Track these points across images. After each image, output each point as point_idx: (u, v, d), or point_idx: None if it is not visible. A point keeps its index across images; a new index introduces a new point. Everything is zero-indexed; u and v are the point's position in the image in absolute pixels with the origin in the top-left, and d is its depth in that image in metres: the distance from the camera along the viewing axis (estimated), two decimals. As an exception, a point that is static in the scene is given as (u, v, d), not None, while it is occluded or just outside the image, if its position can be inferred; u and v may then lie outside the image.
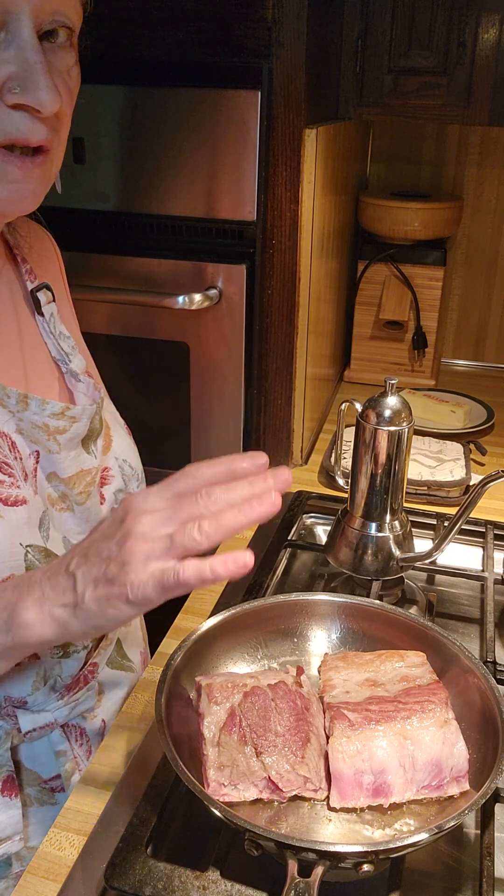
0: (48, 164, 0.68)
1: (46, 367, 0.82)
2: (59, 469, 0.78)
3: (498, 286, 1.85)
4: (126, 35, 1.17)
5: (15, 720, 0.77)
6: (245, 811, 0.68)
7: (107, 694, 0.89)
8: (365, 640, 0.85)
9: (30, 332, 0.81)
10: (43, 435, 0.76)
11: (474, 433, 1.52)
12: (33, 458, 0.76)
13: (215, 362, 1.31)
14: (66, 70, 0.67)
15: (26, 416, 0.74)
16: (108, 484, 0.86)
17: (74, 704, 0.82)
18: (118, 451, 0.88)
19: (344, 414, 1.09)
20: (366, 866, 0.61)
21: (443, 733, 0.70)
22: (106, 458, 0.86)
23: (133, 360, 1.35)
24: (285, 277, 1.26)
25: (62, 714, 0.81)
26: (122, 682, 0.91)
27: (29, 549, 0.72)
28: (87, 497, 0.81)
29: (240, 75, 1.15)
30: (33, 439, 0.76)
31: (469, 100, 1.33)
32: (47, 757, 0.82)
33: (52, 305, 0.84)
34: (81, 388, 0.84)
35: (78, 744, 0.84)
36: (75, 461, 0.79)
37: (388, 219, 1.67)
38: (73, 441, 0.79)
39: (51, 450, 0.77)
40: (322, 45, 1.25)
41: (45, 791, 0.82)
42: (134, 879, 0.64)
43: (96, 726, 0.86)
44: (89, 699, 0.85)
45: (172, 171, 1.22)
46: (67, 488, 0.79)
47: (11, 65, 0.62)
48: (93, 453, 0.82)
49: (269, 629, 0.85)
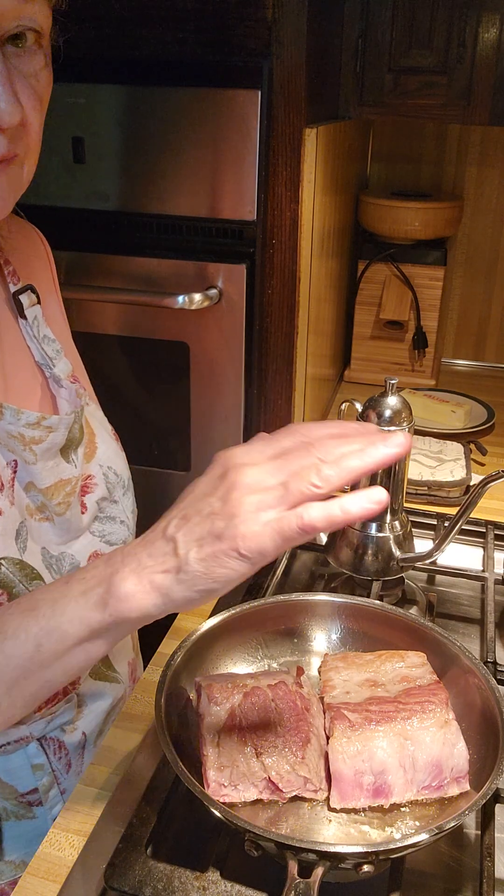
0: (16, 170, 0.67)
1: (28, 373, 0.80)
2: (37, 479, 0.76)
3: (498, 286, 1.85)
4: (126, 35, 1.17)
5: None
6: (245, 812, 0.68)
7: (88, 706, 0.86)
8: (365, 641, 0.85)
9: (11, 337, 0.79)
10: (19, 445, 0.74)
11: (474, 433, 1.52)
12: (10, 468, 0.74)
13: (215, 362, 1.31)
14: (33, 74, 0.65)
15: (1, 426, 0.72)
16: (91, 493, 0.84)
17: (51, 717, 0.80)
18: (103, 458, 0.86)
19: (344, 414, 1.09)
20: (366, 867, 0.60)
21: (443, 734, 0.70)
22: (89, 466, 0.84)
23: (133, 360, 1.35)
24: (285, 277, 1.26)
25: (38, 728, 0.79)
26: (105, 694, 0.88)
27: (3, 562, 0.70)
28: (66, 507, 0.79)
29: (240, 75, 1.15)
30: (10, 449, 0.74)
31: (469, 99, 1.33)
32: (24, 770, 0.80)
33: (36, 308, 0.82)
34: (64, 395, 0.82)
35: (56, 757, 0.82)
36: (53, 471, 0.77)
37: (388, 218, 1.66)
38: (51, 451, 0.77)
39: (27, 460, 0.75)
40: (322, 45, 1.25)
41: (23, 805, 0.81)
42: (134, 880, 0.64)
43: (76, 739, 0.84)
44: (67, 712, 0.82)
45: (172, 171, 1.22)
46: (46, 499, 0.77)
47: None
48: (73, 462, 0.80)
49: (270, 629, 0.85)
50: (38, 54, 0.65)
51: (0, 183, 0.66)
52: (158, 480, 0.92)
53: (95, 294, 1.27)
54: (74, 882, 0.68)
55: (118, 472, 0.88)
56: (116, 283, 1.28)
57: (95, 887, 0.67)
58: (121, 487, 0.87)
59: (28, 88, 0.64)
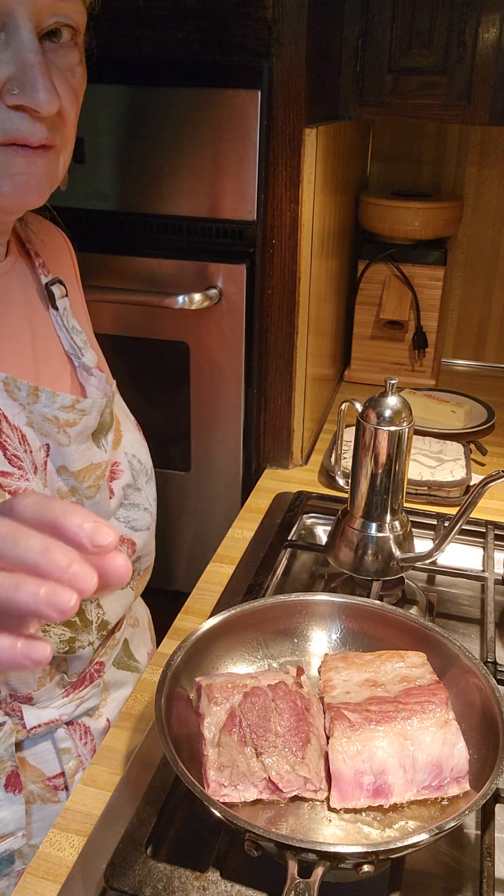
0: (53, 158, 0.69)
1: (59, 361, 0.82)
2: (69, 462, 0.78)
3: (498, 286, 1.85)
4: (126, 34, 1.17)
5: (20, 716, 0.77)
6: (245, 812, 0.68)
7: (112, 693, 0.89)
8: (365, 641, 0.85)
9: (42, 326, 0.81)
10: (53, 428, 0.76)
11: (475, 433, 1.52)
12: (44, 451, 0.76)
13: (215, 362, 1.31)
14: (68, 69, 0.67)
15: (37, 409, 0.74)
16: (118, 479, 0.86)
17: (80, 702, 0.82)
18: (128, 447, 0.88)
19: (344, 414, 1.09)
20: (366, 867, 0.60)
21: (443, 734, 0.70)
22: (116, 453, 0.86)
23: (133, 360, 1.35)
24: (285, 277, 1.26)
25: (67, 711, 0.81)
26: (127, 682, 0.91)
27: None
28: (96, 491, 0.81)
29: (240, 75, 1.15)
30: (43, 432, 0.75)
31: (469, 99, 1.33)
32: (51, 754, 0.82)
33: (65, 300, 0.84)
34: (93, 382, 0.84)
35: (82, 742, 0.84)
36: (85, 455, 0.79)
37: (388, 218, 1.66)
38: (84, 434, 0.79)
39: (61, 443, 0.77)
40: (322, 45, 1.25)
41: (49, 789, 0.82)
42: (134, 880, 0.64)
43: (101, 725, 0.87)
44: (95, 697, 0.85)
45: (172, 171, 1.22)
46: (77, 482, 0.79)
47: (10, 66, 0.62)
48: (103, 447, 0.82)
49: (270, 629, 0.85)
50: (74, 50, 0.68)
51: (38, 169, 0.67)
52: (158, 480, 0.93)
53: (95, 294, 1.27)
54: (74, 882, 0.68)
55: (142, 460, 0.90)
56: (116, 283, 1.28)
57: (95, 887, 0.67)
58: (144, 476, 0.90)
59: (65, 82, 0.67)
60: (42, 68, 0.62)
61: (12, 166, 0.66)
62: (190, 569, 1.46)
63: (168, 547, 1.46)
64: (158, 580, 1.00)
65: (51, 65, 0.64)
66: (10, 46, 0.62)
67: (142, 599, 1.03)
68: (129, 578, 0.48)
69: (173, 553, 1.47)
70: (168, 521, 1.43)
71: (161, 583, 1.08)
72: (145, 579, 0.93)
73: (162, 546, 0.98)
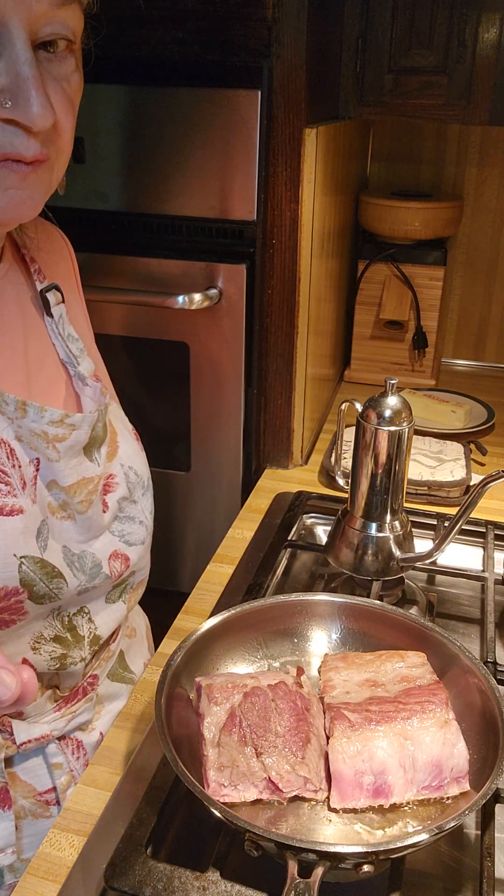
0: (47, 171, 0.67)
1: (53, 370, 0.81)
2: (60, 477, 0.76)
3: (498, 286, 1.85)
4: (126, 35, 1.17)
5: (10, 731, 0.76)
6: (245, 812, 0.68)
7: (106, 706, 0.87)
8: (365, 641, 0.85)
9: (37, 334, 0.80)
10: (42, 442, 0.74)
11: (475, 433, 1.52)
12: (33, 465, 0.74)
13: (215, 362, 1.31)
14: (64, 78, 0.66)
15: (25, 424, 0.73)
16: (112, 491, 0.84)
17: (72, 716, 0.81)
18: (124, 458, 0.86)
19: (344, 414, 1.09)
20: (366, 867, 0.60)
21: (443, 734, 0.70)
22: (111, 465, 0.84)
23: (133, 360, 1.35)
24: (285, 277, 1.26)
25: (59, 726, 0.80)
26: (121, 695, 0.90)
27: (23, 560, 0.70)
28: (88, 505, 0.79)
29: (240, 75, 1.15)
30: (33, 446, 0.74)
31: (469, 99, 1.33)
32: (42, 769, 0.81)
33: (61, 307, 0.82)
34: (88, 393, 0.82)
35: (74, 757, 0.83)
36: (76, 469, 0.77)
37: (388, 218, 1.66)
38: (74, 449, 0.77)
39: (50, 458, 0.75)
40: (322, 45, 1.25)
41: (40, 804, 0.81)
42: (134, 880, 0.64)
43: (94, 739, 0.85)
44: (87, 711, 0.83)
45: (172, 171, 1.22)
46: (68, 497, 0.77)
47: (3, 77, 0.60)
48: (96, 461, 0.80)
49: (269, 629, 0.85)
50: (69, 59, 0.66)
51: (31, 184, 0.66)
52: (158, 480, 0.92)
53: (95, 294, 1.27)
54: (74, 882, 0.68)
55: (139, 472, 0.88)
56: (116, 283, 1.28)
57: (95, 887, 0.67)
58: (140, 487, 0.87)
59: (60, 92, 0.65)
60: (36, 81, 0.61)
61: (6, 181, 0.64)
62: (190, 569, 1.46)
63: (168, 547, 1.46)
64: (158, 580, 1.00)
65: (45, 75, 0.63)
66: (2, 57, 0.60)
67: (140, 608, 1.01)
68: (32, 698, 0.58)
69: (173, 553, 1.47)
70: (168, 521, 1.44)
71: (161, 583, 1.08)
72: (139, 592, 0.91)
73: (162, 546, 0.98)
